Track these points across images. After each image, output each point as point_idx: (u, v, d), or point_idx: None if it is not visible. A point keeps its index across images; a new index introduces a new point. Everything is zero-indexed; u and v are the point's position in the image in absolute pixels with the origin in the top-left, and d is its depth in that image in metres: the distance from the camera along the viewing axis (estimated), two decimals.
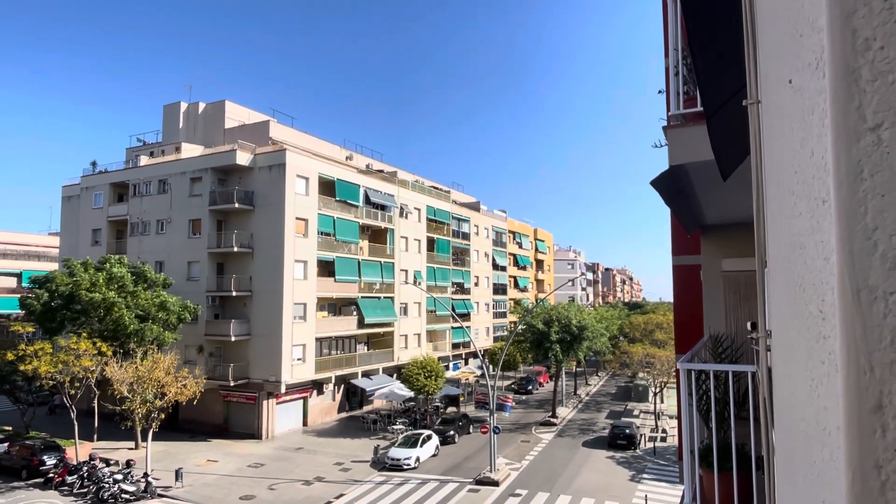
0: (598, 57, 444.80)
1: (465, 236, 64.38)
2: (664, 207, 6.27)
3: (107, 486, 26.19)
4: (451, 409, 46.65)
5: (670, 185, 5.25)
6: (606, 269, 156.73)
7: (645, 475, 31.26)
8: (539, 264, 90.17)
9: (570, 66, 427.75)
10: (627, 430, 37.11)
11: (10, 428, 36.17)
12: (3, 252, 63.97)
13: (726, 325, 7.33)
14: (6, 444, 31.62)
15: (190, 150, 45.72)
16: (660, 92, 6.90)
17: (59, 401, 39.26)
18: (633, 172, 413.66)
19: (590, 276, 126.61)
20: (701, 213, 6.89)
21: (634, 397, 54.22)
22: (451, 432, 37.34)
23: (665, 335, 52.69)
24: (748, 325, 2.83)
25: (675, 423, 41.97)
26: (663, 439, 38.83)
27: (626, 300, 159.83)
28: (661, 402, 46.11)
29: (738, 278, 7.19)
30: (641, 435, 38.51)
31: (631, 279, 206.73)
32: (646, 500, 25.29)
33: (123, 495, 26.05)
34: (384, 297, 49.00)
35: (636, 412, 48.13)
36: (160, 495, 27.03)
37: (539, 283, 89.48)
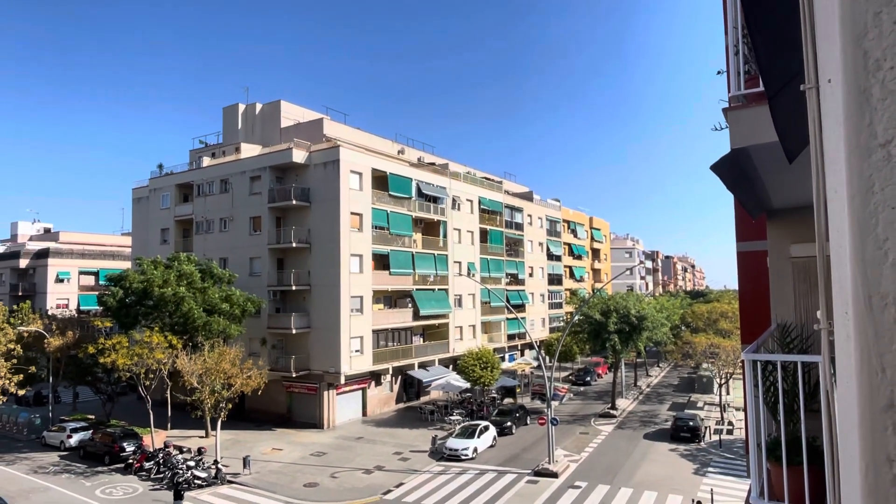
0: (658, 41, 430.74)
1: (519, 226, 63.92)
2: (727, 191, 6.02)
3: (181, 472, 27.63)
4: (507, 401, 46.62)
5: (732, 170, 5.03)
6: (666, 257, 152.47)
7: (710, 468, 30.34)
8: (595, 253, 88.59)
9: (626, 52, 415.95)
10: (691, 423, 36.05)
11: (93, 416, 38.68)
12: (82, 252, 68.29)
13: (795, 313, 6.99)
14: (90, 432, 33.86)
15: (249, 150, 47.28)
16: (719, 73, 6.59)
17: (119, 389, 41.75)
18: (693, 156, 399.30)
19: (649, 264, 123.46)
20: (766, 197, 6.58)
21: (698, 389, 52.64)
22: (509, 423, 37.31)
23: (730, 324, 50.82)
24: (818, 314, 2.70)
25: (741, 415, 40.49)
26: (730, 432, 37.56)
27: (688, 289, 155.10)
28: (727, 393, 44.56)
29: (808, 265, 6.84)
30: (706, 427, 37.36)
31: (693, 267, 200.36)
32: (711, 493, 24.54)
33: (196, 481, 27.42)
34: (438, 289, 49.35)
35: (700, 404, 46.73)
36: (230, 482, 28.28)
37: (595, 272, 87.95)
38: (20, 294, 63.64)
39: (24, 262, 66.70)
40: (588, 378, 57.15)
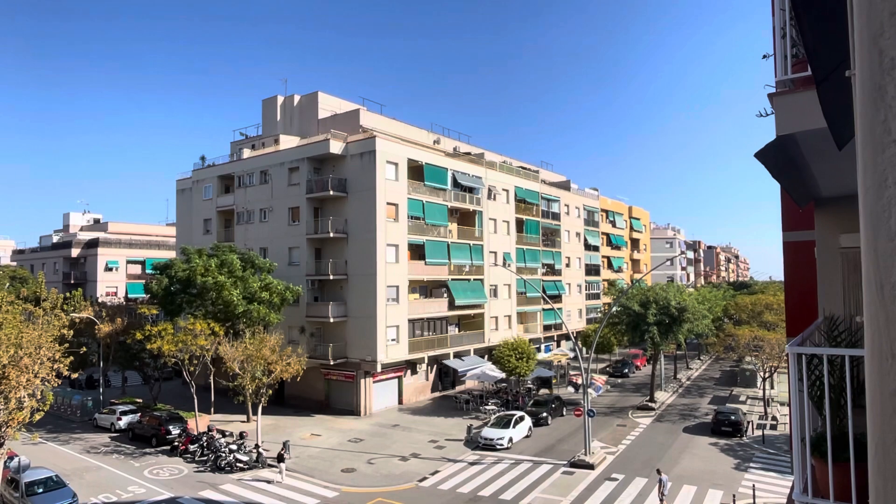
0: (702, 26, 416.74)
1: (555, 216, 63.27)
2: (774, 180, 5.83)
3: (223, 455, 28.54)
4: (543, 391, 46.44)
5: (778, 157, 4.86)
6: (709, 247, 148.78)
7: (752, 464, 29.65)
8: (634, 243, 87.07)
9: (669, 38, 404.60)
10: (733, 417, 35.24)
11: (141, 400, 40.20)
12: (129, 242, 70.77)
13: (844, 306, 6.74)
14: (138, 415, 35.23)
15: (287, 142, 48.01)
16: (765, 57, 6.34)
17: (165, 374, 43.33)
18: (738, 143, 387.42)
19: (690, 254, 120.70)
20: (814, 185, 6.34)
21: (741, 382, 51.41)
22: (544, 414, 37.19)
23: (775, 317, 49.38)
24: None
25: (786, 410, 39.41)
26: (773, 427, 36.59)
27: (731, 280, 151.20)
28: (771, 387, 43.39)
29: (859, 255, 6.57)
30: (749, 422, 36.50)
31: (737, 257, 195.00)
32: (753, 489, 24.02)
33: (238, 464, 28.27)
34: (474, 280, 49.35)
35: (742, 398, 45.66)
36: (270, 465, 29.04)
37: (634, 263, 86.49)
38: (72, 282, 66.48)
39: (75, 252, 69.59)
40: (626, 370, 56.42)
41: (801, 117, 4.17)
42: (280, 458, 27.62)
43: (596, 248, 72.46)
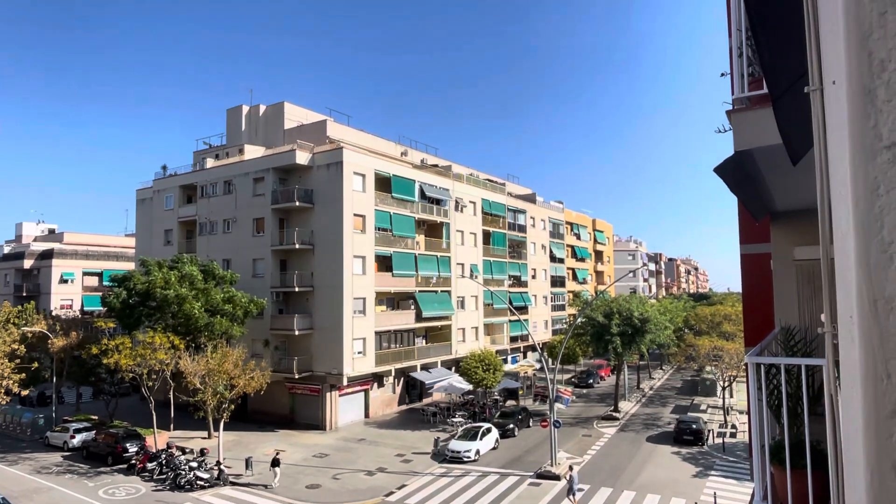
0: (663, 39, 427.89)
1: (522, 229, 63.88)
2: (731, 194, 6.01)
3: (183, 472, 27.67)
4: (510, 403, 46.56)
5: (736, 172, 5.02)
6: (670, 260, 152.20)
7: (713, 472, 30.26)
8: (598, 256, 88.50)
9: (632, 50, 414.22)
10: (694, 426, 35.97)
11: (97, 417, 38.73)
12: (86, 253, 68.48)
13: (799, 316, 6.96)
14: (93, 432, 33.91)
15: (252, 152, 47.35)
16: (723, 75, 6.58)
17: (123, 389, 41.93)
18: (697, 158, 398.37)
19: (652, 266, 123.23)
20: (770, 199, 6.56)
21: (701, 391, 52.54)
22: (511, 426, 37.25)
23: (734, 327, 50.69)
24: (822, 317, 2.69)
25: (745, 418, 40.38)
26: (733, 435, 37.45)
27: (692, 291, 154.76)
28: (731, 396, 44.43)
29: (812, 267, 6.81)
30: (709, 430, 37.28)
31: (696, 269, 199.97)
32: (715, 497, 24.47)
33: (199, 482, 27.44)
34: (441, 291, 49.33)
35: (703, 407, 46.63)
36: (232, 483, 28.29)
37: (598, 274, 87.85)
38: (24, 294, 63.81)
39: (28, 263, 66.92)
40: (590, 380, 57.05)
41: (758, 134, 4.31)
42: (275, 463, 28.20)
43: (561, 260, 73.35)
